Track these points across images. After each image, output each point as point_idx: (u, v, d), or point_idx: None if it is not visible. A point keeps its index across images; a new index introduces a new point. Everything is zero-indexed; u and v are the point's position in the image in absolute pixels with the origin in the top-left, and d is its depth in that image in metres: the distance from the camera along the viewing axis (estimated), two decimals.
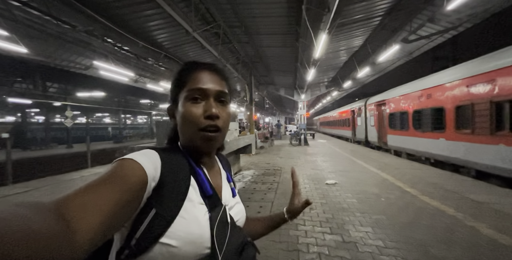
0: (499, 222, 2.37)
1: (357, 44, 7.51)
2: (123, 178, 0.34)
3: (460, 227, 2.29)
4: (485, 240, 2.02)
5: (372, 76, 11.12)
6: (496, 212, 2.62)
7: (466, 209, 2.75)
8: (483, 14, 4.74)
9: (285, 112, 36.36)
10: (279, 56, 7.99)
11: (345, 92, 17.41)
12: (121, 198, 0.32)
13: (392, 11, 5.17)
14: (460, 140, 4.72)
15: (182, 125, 0.46)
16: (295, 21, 4.88)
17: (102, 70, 6.06)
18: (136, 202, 0.35)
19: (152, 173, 0.38)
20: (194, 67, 0.48)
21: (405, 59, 8.54)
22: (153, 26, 5.43)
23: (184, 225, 0.38)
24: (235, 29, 5.70)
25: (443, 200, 3.10)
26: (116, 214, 0.31)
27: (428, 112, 5.79)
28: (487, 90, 4.02)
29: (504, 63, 3.73)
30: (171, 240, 0.37)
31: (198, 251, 0.38)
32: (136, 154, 0.39)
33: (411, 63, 11.04)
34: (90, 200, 0.29)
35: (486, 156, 4.05)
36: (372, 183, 4.10)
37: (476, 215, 2.56)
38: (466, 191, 3.43)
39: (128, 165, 0.36)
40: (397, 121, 7.51)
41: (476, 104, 4.25)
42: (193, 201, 0.41)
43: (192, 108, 0.45)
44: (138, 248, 0.36)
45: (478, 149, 4.23)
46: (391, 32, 6.34)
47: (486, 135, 4.04)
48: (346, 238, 2.12)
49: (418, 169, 5.29)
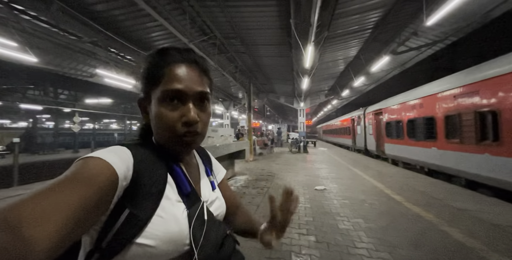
0: (472, 227, 2.43)
1: (352, 54, 7.80)
2: (88, 178, 0.31)
3: (433, 231, 2.37)
4: (452, 243, 2.10)
5: (369, 86, 11.31)
6: (472, 219, 2.68)
7: (444, 215, 2.81)
8: (466, 29, 4.97)
9: (288, 120, 36.57)
10: (276, 65, 8.34)
11: (345, 101, 17.58)
12: (85, 200, 0.29)
13: (380, 25, 5.46)
14: (450, 149, 4.78)
15: (156, 128, 0.43)
16: (286, 33, 5.21)
17: (106, 78, 6.48)
18: (104, 204, 0.33)
19: (123, 171, 0.35)
20: (170, 59, 0.42)
21: (399, 69, 8.75)
22: (154, 37, 5.84)
23: (161, 224, 0.37)
24: (232, 40, 6.09)
25: (425, 206, 3.17)
26: (80, 218, 0.29)
27: (421, 121, 5.89)
28: (472, 101, 4.15)
29: (485, 75, 3.88)
30: (148, 240, 0.35)
31: (177, 249, 0.38)
32: (104, 152, 0.37)
33: (411, 72, 11.21)
34: (47, 204, 0.27)
35: (473, 165, 4.10)
36: (361, 190, 4.17)
37: (452, 221, 2.63)
38: (451, 199, 3.47)
39: (94, 164, 0.33)
40: (393, 130, 7.58)
41: (463, 114, 4.36)
42: (170, 199, 0.40)
43: (167, 113, 0.40)
44: (110, 250, 0.35)
45: (466, 158, 4.29)
46: (383, 44, 6.62)
47: (472, 144, 4.11)
48: (320, 239, 2.23)
49: (411, 177, 5.32)
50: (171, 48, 0.44)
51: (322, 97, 13.90)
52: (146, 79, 0.43)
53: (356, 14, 4.85)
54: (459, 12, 4.42)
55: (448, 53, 13.56)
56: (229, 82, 9.33)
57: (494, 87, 3.69)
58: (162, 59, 0.42)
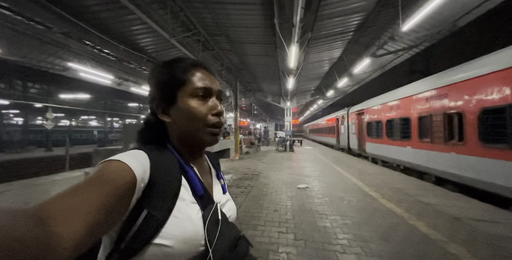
0: (436, 220, 2.64)
1: (336, 55, 8.02)
2: (110, 180, 0.33)
3: (403, 225, 2.54)
4: (418, 236, 2.26)
5: (352, 87, 11.73)
6: (437, 212, 2.90)
7: (414, 210, 3.01)
8: (437, 36, 5.36)
9: (276, 119, 36.91)
10: (263, 64, 8.35)
11: (330, 101, 18.09)
12: (107, 200, 0.31)
13: (361, 28, 5.67)
14: (422, 148, 5.12)
15: (186, 122, 0.46)
16: (272, 32, 5.23)
17: (81, 72, 6.09)
18: (124, 205, 0.35)
19: (141, 173, 0.37)
20: (192, 63, 0.49)
21: (379, 71, 9.17)
22: (135, 30, 5.57)
23: (178, 225, 0.38)
24: (216, 37, 5.99)
25: (398, 202, 3.37)
26: (102, 217, 0.30)
27: (398, 122, 6.23)
28: (441, 103, 4.46)
29: (451, 80, 4.19)
30: (165, 240, 0.37)
31: (193, 249, 0.39)
32: (123, 155, 0.38)
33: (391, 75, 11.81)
34: (74, 203, 0.28)
35: (442, 163, 4.43)
36: (341, 187, 4.34)
37: (420, 215, 2.83)
38: (421, 195, 3.73)
39: (115, 167, 0.35)
40: (374, 130, 7.96)
41: (433, 115, 4.68)
42: (185, 200, 0.42)
43: (199, 106, 0.46)
44: (130, 250, 0.36)
45: (436, 156, 4.62)
46: (364, 47, 6.89)
47: (441, 143, 4.43)
48: (298, 237, 2.29)
49: (388, 175, 5.62)
50: (187, 57, 0.52)
51: (308, 97, 14.19)
52: (171, 82, 0.48)
53: (339, 17, 4.99)
54: (430, 20, 4.74)
55: (423, 58, 14.49)
56: (220, 81, 9.17)
57: (459, 91, 4.00)
58: (185, 64, 0.49)
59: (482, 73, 3.55)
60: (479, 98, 3.57)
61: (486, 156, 3.43)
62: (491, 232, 2.34)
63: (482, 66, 3.63)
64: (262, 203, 3.35)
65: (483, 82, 3.52)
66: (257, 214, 2.90)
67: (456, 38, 11.53)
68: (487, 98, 3.43)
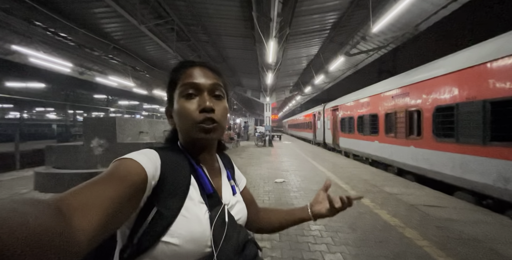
0: (396, 208, 2.92)
1: (313, 52, 8.21)
2: (123, 177, 0.34)
3: (368, 214, 2.75)
4: (380, 223, 2.48)
5: (329, 84, 12.20)
6: (397, 201, 3.21)
7: (378, 199, 3.29)
8: (402, 38, 5.83)
9: (256, 114, 37.01)
10: (242, 58, 8.19)
11: (308, 97, 18.67)
12: (120, 196, 0.32)
13: (337, 27, 5.86)
14: (387, 142, 5.59)
15: (179, 122, 0.48)
16: (250, 26, 5.11)
17: (32, 57, 5.26)
18: (136, 201, 0.36)
19: (152, 172, 0.38)
20: (186, 65, 0.50)
21: (352, 70, 9.68)
22: (98, 13, 4.97)
23: (185, 224, 0.39)
24: (192, 27, 5.65)
25: (365, 193, 3.65)
26: (115, 212, 0.31)
27: (367, 118, 6.68)
28: (403, 101, 4.88)
29: (412, 81, 4.59)
30: (173, 238, 0.37)
31: (200, 250, 0.39)
32: (135, 154, 0.40)
33: (363, 73, 12.55)
34: (90, 197, 0.29)
35: (403, 156, 4.90)
36: (315, 181, 4.54)
37: (383, 204, 3.10)
38: (385, 185, 4.09)
39: (128, 164, 0.37)
40: (346, 125, 8.44)
41: (397, 112, 5.11)
42: (193, 200, 0.42)
43: (186, 104, 0.46)
44: (140, 246, 0.37)
45: (398, 150, 5.09)
46: (339, 45, 7.17)
47: (402, 138, 4.88)
48: None
49: (358, 167, 6.05)
50: (189, 60, 0.54)
51: (287, 92, 14.42)
52: (169, 86, 0.50)
53: (316, 14, 5.06)
54: (396, 23, 5.09)
55: (391, 58, 15.68)
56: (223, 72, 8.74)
57: (418, 90, 4.41)
58: (180, 66, 0.50)
59: (436, 75, 3.95)
60: (434, 97, 3.98)
61: (439, 149, 3.87)
62: (440, 216, 2.66)
63: (435, 68, 4.03)
64: None
65: (436, 83, 3.92)
66: None
67: (419, 42, 12.68)
68: (440, 97, 3.84)
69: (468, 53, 3.50)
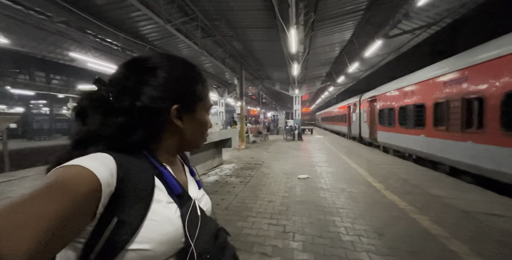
0: (441, 214, 2.45)
1: (346, 38, 7.41)
2: (68, 188, 0.30)
3: (402, 219, 2.39)
4: (417, 231, 2.12)
5: (365, 72, 10.94)
6: (444, 206, 2.70)
7: (419, 203, 2.83)
8: (461, 10, 4.61)
9: (286, 107, 36.21)
10: (267, 50, 7.96)
11: (343, 88, 17.21)
12: (65, 212, 0.28)
13: (373, 6, 5.08)
14: (437, 136, 4.73)
15: (196, 132, 0.51)
16: (273, 15, 4.86)
17: (88, 63, 6.20)
18: (88, 214, 0.32)
19: (107, 178, 0.34)
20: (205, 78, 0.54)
21: (394, 54, 8.39)
22: (134, 17, 5.39)
23: (156, 227, 0.37)
24: (216, 22, 5.69)
25: (403, 194, 3.19)
26: (59, 230, 0.28)
27: (412, 108, 5.77)
28: (461, 87, 3.99)
29: (476, 61, 3.68)
30: (143, 244, 0.35)
31: (173, 247, 0.39)
32: (84, 159, 0.35)
33: (408, 57, 10.78)
34: (22, 217, 0.25)
35: (459, 152, 4.08)
36: (344, 178, 4.19)
37: (425, 208, 2.65)
38: (430, 186, 3.49)
39: (73, 172, 0.32)
40: (386, 118, 7.49)
41: (451, 101, 4.24)
42: (161, 202, 0.40)
43: (207, 119, 0.54)
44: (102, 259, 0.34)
45: (451, 145, 4.25)
46: (376, 27, 6.24)
47: (457, 131, 4.05)
48: (287, 229, 2.24)
49: (398, 164, 5.33)
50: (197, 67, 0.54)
51: (318, 84, 13.56)
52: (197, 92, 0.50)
53: None
54: None
55: (448, 37, 12.93)
56: (223, 68, 9.00)
57: (481, 73, 3.52)
58: (204, 79, 0.52)
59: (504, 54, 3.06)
60: (503, 81, 3.12)
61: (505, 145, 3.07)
62: (503, 227, 2.13)
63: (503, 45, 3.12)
64: (259, 194, 3.33)
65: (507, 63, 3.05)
66: (250, 205, 2.89)
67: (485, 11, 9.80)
68: None
69: None
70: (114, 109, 0.41)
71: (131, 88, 0.42)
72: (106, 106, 0.41)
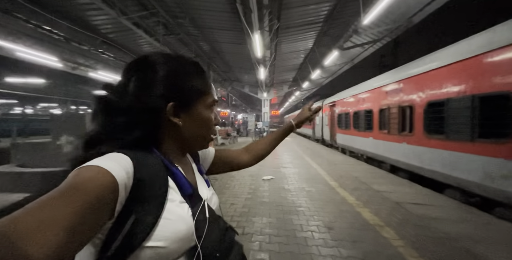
0: (380, 206, 2.84)
1: (308, 46, 7.98)
2: (87, 188, 0.31)
3: (349, 212, 2.69)
4: (360, 222, 2.41)
5: (326, 79, 11.96)
6: (382, 199, 3.13)
7: (364, 197, 3.22)
8: (396, 31, 5.58)
9: (257, 110, 36.82)
10: (236, 53, 8.02)
11: (308, 93, 18.41)
12: (85, 212, 0.29)
13: (329, 19, 5.64)
14: (381, 138, 5.46)
15: (197, 129, 0.49)
16: (238, 19, 4.95)
17: (17, 52, 5.20)
18: (107, 213, 0.33)
19: (123, 178, 0.35)
20: (208, 74, 0.53)
21: (349, 64, 9.43)
22: (82, 5, 4.78)
23: (170, 226, 0.39)
24: (180, 20, 5.48)
25: (352, 191, 3.57)
26: (79, 230, 0.29)
27: (363, 113, 6.53)
28: (397, 97, 4.72)
29: (403, 76, 4.41)
30: (158, 242, 0.37)
31: (185, 246, 0.40)
32: (102, 159, 0.36)
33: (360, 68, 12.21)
34: (45, 217, 0.26)
35: (396, 152, 4.78)
36: (305, 178, 4.47)
37: (368, 202, 3.03)
38: (374, 183, 4.00)
39: (91, 173, 0.33)
40: (343, 121, 8.30)
41: (392, 108, 4.96)
42: (174, 201, 0.42)
43: (210, 117, 0.51)
44: (118, 256, 0.35)
45: (391, 146, 4.97)
46: (333, 39, 6.94)
47: (395, 135, 4.76)
48: (246, 231, 2.29)
49: (352, 164, 5.95)
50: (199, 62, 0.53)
51: (286, 88, 14.24)
52: (193, 88, 0.48)
53: (307, 6, 4.86)
54: (390, 14, 4.86)
55: (391, 52, 15.22)
56: None
57: (410, 85, 4.23)
58: (205, 73, 0.52)
59: (426, 70, 3.77)
60: (427, 93, 3.82)
61: (430, 146, 3.75)
62: (423, 214, 2.58)
63: (426, 63, 3.85)
64: (221, 197, 3.31)
65: (427, 78, 3.75)
66: None
67: (422, 34, 12.06)
68: (432, 92, 3.68)
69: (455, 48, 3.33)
70: (116, 110, 0.43)
71: (129, 89, 0.44)
72: (111, 108, 0.43)
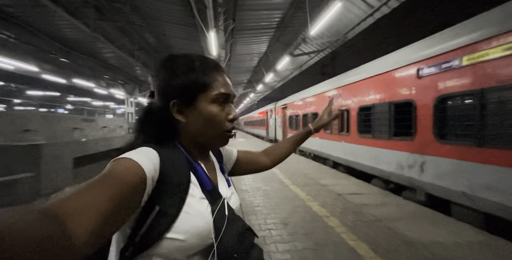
0: (325, 199, 3.19)
1: (262, 50, 8.32)
2: (120, 178, 0.34)
3: (301, 207, 2.89)
4: (310, 215, 2.63)
5: (279, 82, 12.76)
6: (328, 192, 3.53)
7: (313, 192, 3.54)
8: (335, 44, 6.60)
9: None
10: (187, 49, 7.54)
11: (262, 95, 19.17)
12: (118, 198, 0.32)
13: (281, 26, 6.06)
14: (326, 138, 6.18)
15: (204, 126, 0.49)
16: (192, 14, 4.68)
17: None
18: (135, 202, 0.36)
19: (151, 171, 0.38)
20: (216, 68, 0.51)
21: (298, 70, 10.39)
22: None
23: (189, 220, 0.40)
24: (116, 4, 4.72)
25: (303, 186, 3.88)
26: (112, 215, 0.31)
27: (310, 116, 7.25)
28: (336, 102, 5.46)
29: (341, 83, 5.17)
30: (177, 234, 0.39)
31: (203, 242, 0.41)
32: (134, 153, 0.40)
33: (308, 74, 13.64)
34: (86, 201, 0.29)
35: (337, 150, 5.50)
36: (261, 178, 4.57)
37: (317, 196, 3.34)
38: (321, 178, 4.47)
39: (126, 164, 0.36)
40: (293, 123, 8.99)
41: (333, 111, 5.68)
42: (195, 196, 0.43)
43: (219, 112, 0.49)
44: (143, 244, 0.38)
45: (333, 145, 5.70)
46: (285, 45, 7.49)
47: (336, 134, 5.48)
48: None
49: (302, 162, 6.48)
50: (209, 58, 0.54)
51: (240, 90, 14.38)
52: (195, 85, 0.48)
53: (260, 10, 5.06)
54: (330, 28, 5.65)
55: (331, 62, 17.75)
56: (131, 62, 7.51)
57: (345, 92, 4.99)
58: (210, 68, 0.50)
59: (354, 81, 4.53)
60: (358, 99, 4.56)
61: (362, 144, 4.48)
62: (358, 202, 3.04)
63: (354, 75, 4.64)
64: None
65: (356, 87, 4.51)
66: None
67: (353, 48, 14.52)
68: (362, 98, 4.43)
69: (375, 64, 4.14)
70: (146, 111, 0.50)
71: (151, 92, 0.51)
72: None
